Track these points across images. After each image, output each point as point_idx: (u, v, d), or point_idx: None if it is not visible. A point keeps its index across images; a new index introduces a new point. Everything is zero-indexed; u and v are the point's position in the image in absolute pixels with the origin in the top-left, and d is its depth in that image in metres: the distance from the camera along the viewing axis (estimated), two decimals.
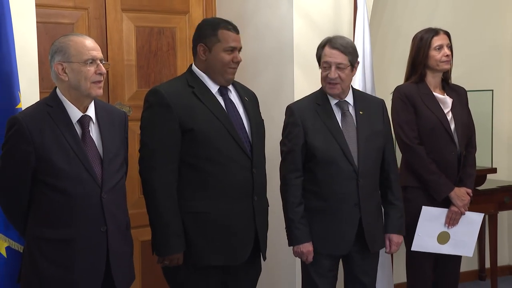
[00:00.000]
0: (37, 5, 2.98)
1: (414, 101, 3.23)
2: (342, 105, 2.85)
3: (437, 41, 3.27)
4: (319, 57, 2.86)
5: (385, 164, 2.91)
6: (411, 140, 3.19)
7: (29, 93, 2.78)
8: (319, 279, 2.76)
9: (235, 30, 2.72)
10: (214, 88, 2.66)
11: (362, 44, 3.62)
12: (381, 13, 4.39)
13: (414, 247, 3.19)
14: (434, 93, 3.24)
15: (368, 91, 3.63)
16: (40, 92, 2.90)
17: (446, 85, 3.33)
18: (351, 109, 2.87)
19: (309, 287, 2.84)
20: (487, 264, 4.53)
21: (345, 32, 3.74)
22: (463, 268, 3.63)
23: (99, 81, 2.33)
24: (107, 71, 3.60)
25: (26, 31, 2.87)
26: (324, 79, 2.81)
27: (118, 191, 2.44)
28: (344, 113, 2.85)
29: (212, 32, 2.64)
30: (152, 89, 2.63)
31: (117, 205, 2.41)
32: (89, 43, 2.33)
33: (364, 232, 2.77)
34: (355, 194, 2.76)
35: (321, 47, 2.85)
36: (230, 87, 2.75)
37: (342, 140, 2.78)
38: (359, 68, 3.62)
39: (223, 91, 2.68)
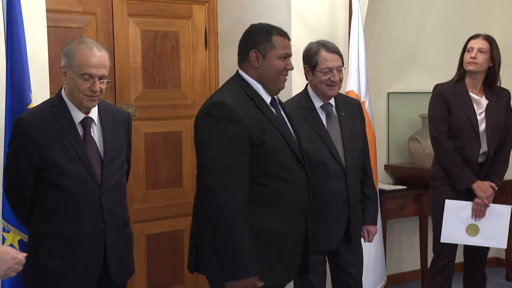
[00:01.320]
0: (48, 10, 2.99)
1: (448, 99, 3.30)
2: (327, 107, 2.83)
3: (471, 44, 3.32)
4: (314, 62, 2.77)
5: (365, 162, 2.94)
6: (440, 134, 3.29)
7: (40, 94, 2.79)
8: (312, 274, 2.73)
9: (287, 36, 2.44)
10: (267, 99, 2.38)
11: (357, 47, 3.63)
12: (375, 18, 4.40)
13: (443, 239, 3.25)
14: (470, 94, 3.29)
15: (363, 93, 3.65)
16: (51, 93, 2.91)
17: (488, 88, 3.33)
18: (334, 111, 2.85)
19: (302, 282, 2.83)
20: None
21: (341, 36, 3.76)
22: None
23: (92, 96, 2.29)
24: (114, 73, 3.64)
25: (37, 35, 2.88)
26: (324, 82, 2.77)
27: (118, 189, 2.43)
28: (329, 115, 2.83)
29: (266, 38, 2.35)
30: (217, 101, 2.27)
31: (116, 203, 2.42)
32: (94, 60, 2.27)
33: (350, 227, 2.78)
34: (345, 193, 2.75)
35: (314, 53, 2.77)
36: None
37: (329, 141, 2.76)
38: (354, 70, 3.64)
39: (273, 102, 2.41)
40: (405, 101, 3.67)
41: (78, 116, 2.34)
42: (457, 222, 3.22)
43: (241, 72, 2.39)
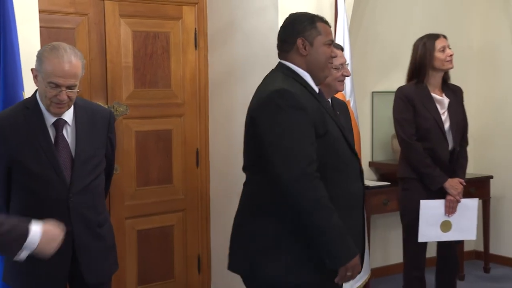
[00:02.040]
0: (41, 11, 2.99)
1: (413, 101, 3.32)
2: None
3: (439, 43, 3.34)
4: None
5: None
6: (409, 136, 3.30)
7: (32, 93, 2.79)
8: None
9: (328, 23, 2.37)
10: (316, 89, 2.27)
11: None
12: (360, 20, 4.44)
13: (420, 239, 3.28)
14: (432, 94, 3.32)
15: (348, 92, 3.70)
16: None
17: (444, 85, 3.39)
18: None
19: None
20: None
21: None
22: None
23: (59, 104, 2.23)
24: (106, 73, 3.65)
25: (30, 36, 2.88)
26: (337, 78, 2.76)
27: (91, 191, 2.38)
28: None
29: (311, 25, 2.26)
30: (279, 90, 2.12)
31: (87, 205, 2.37)
32: (62, 69, 2.19)
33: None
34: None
35: None
36: None
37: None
38: None
39: (320, 91, 2.32)
40: (389, 100, 3.69)
41: (50, 118, 2.30)
42: (432, 220, 3.28)
43: (286, 63, 2.26)
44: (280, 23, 3.63)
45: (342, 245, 2.09)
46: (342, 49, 2.85)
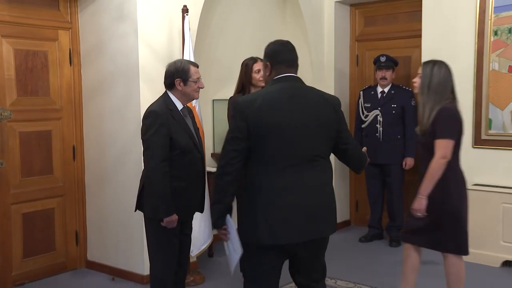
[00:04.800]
0: None
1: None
2: (184, 111, 3.06)
3: (256, 66, 3.63)
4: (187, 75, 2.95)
5: None
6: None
7: None
8: None
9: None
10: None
11: None
12: (202, 44, 4.65)
13: None
14: None
15: (194, 101, 3.73)
16: None
17: None
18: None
19: None
20: None
21: (176, 57, 3.86)
22: None
23: None
24: None
25: None
26: (195, 89, 2.98)
27: None
28: (186, 116, 3.07)
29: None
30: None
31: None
32: None
33: None
34: (203, 174, 3.18)
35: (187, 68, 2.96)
36: None
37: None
38: None
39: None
40: (225, 106, 3.89)
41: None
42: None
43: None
44: (140, 45, 3.78)
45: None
46: (197, 66, 3.02)
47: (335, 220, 2.49)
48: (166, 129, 2.82)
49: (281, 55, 2.42)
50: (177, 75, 2.92)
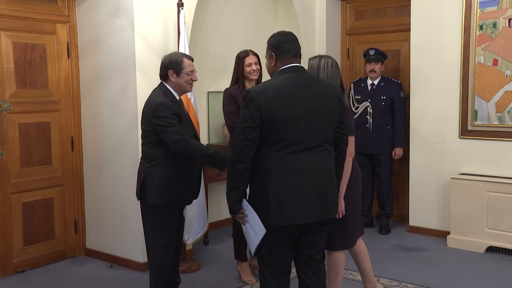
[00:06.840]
0: None
1: (236, 99, 3.55)
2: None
3: (248, 60, 3.62)
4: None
5: None
6: (234, 123, 3.49)
7: None
8: None
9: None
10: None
11: None
12: (197, 37, 4.68)
13: None
14: None
15: (189, 93, 3.75)
16: None
17: None
18: None
19: None
20: None
21: (172, 50, 3.90)
22: None
23: None
24: None
25: None
26: (188, 81, 2.97)
27: None
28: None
29: None
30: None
31: None
32: None
33: None
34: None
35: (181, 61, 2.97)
36: None
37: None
38: None
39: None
40: (220, 98, 3.85)
41: None
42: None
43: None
44: (136, 38, 3.78)
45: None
46: (192, 59, 3.03)
47: (338, 202, 2.60)
48: (178, 119, 2.88)
49: (286, 45, 2.45)
50: (170, 66, 2.94)
